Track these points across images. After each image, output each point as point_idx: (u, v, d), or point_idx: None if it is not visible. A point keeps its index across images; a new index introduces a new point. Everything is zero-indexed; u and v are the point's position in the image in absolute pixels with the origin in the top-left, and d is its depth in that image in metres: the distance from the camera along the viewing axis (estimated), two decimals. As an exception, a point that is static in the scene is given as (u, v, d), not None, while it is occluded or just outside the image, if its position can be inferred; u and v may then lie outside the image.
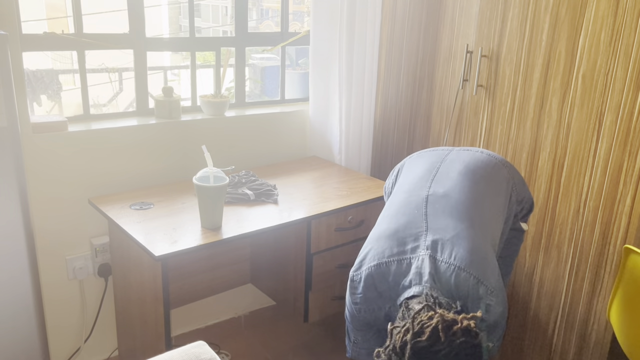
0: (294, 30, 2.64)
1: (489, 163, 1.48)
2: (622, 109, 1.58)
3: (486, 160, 1.49)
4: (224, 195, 1.74)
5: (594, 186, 1.69)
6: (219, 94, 2.36)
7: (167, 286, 1.66)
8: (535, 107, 1.81)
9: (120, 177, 2.07)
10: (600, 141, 1.65)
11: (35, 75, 1.99)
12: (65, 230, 1.99)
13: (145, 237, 1.67)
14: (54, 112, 2.51)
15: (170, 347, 1.68)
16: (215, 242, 1.68)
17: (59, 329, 2.07)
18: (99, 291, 2.13)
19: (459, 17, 2.12)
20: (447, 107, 2.24)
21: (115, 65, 3.27)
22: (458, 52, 2.14)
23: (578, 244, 1.77)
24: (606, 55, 1.60)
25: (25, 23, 1.91)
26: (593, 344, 1.78)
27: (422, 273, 1.22)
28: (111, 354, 2.22)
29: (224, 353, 2.28)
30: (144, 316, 1.83)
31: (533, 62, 1.79)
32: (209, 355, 1.26)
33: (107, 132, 2.02)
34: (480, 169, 1.45)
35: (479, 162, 1.47)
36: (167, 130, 2.16)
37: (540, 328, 1.94)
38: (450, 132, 2.23)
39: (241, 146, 2.37)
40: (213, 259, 2.42)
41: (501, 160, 1.51)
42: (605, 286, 1.71)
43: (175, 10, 9.35)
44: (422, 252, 1.26)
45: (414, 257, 1.26)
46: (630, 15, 1.53)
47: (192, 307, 2.39)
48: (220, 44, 2.43)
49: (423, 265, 1.23)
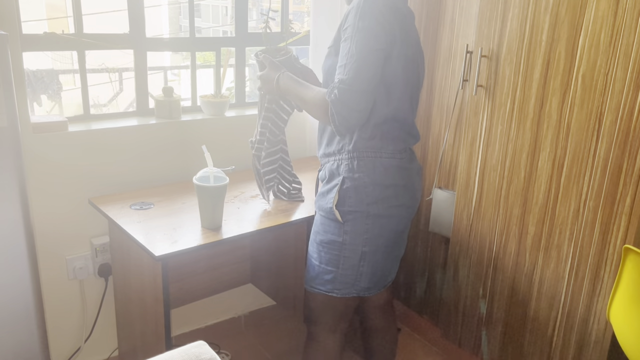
0: (294, 30, 2.64)
1: None
2: (622, 109, 1.58)
3: None
4: (224, 195, 1.74)
5: (594, 186, 1.69)
6: (219, 94, 2.37)
7: (167, 286, 1.66)
8: (535, 107, 1.81)
9: (120, 177, 2.07)
10: (600, 141, 1.65)
11: (35, 75, 1.99)
12: (65, 230, 1.99)
13: (145, 237, 1.67)
14: (54, 112, 2.51)
15: (170, 347, 1.68)
16: (215, 242, 1.68)
17: (59, 329, 2.07)
18: (99, 291, 2.13)
19: (459, 17, 2.12)
20: (447, 107, 2.24)
21: (115, 65, 3.27)
22: (458, 52, 2.14)
23: (578, 244, 1.77)
24: (606, 55, 1.60)
25: (26, 23, 1.91)
26: (593, 344, 1.78)
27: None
28: (111, 354, 2.22)
29: (224, 353, 2.28)
30: (144, 316, 1.84)
31: (533, 62, 1.79)
32: (209, 355, 1.26)
33: (107, 132, 2.02)
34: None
35: None
36: (167, 130, 2.16)
37: (540, 328, 1.94)
38: (450, 132, 2.23)
39: (241, 146, 2.37)
40: (213, 259, 2.42)
41: None
42: (605, 286, 1.72)
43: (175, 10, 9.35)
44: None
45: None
46: (630, 15, 1.53)
47: (192, 307, 2.39)
48: (221, 44, 2.43)
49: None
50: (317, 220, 1.70)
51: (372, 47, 1.46)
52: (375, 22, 1.46)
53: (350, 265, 1.64)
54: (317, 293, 1.71)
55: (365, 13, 1.46)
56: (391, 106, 1.56)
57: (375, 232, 1.61)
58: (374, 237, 1.62)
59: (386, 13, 1.48)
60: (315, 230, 1.69)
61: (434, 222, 2.30)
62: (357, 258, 1.63)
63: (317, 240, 1.68)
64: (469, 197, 2.09)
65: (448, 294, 2.27)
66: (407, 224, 1.71)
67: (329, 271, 1.66)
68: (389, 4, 1.50)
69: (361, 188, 1.58)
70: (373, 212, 1.59)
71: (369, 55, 1.46)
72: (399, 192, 1.62)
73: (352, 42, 1.46)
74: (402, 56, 1.53)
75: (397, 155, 1.60)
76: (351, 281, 1.66)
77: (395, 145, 1.59)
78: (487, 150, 1.99)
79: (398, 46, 1.52)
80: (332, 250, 1.64)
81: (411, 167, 1.66)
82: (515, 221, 1.94)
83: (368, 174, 1.57)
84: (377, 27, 1.47)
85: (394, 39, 1.50)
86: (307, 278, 1.75)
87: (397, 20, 1.52)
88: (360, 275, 1.65)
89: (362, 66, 1.45)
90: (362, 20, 1.46)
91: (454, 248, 2.19)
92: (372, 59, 1.46)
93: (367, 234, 1.61)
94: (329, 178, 1.64)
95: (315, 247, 1.69)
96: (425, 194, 2.35)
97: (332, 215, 1.61)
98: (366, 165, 1.57)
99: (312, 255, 1.71)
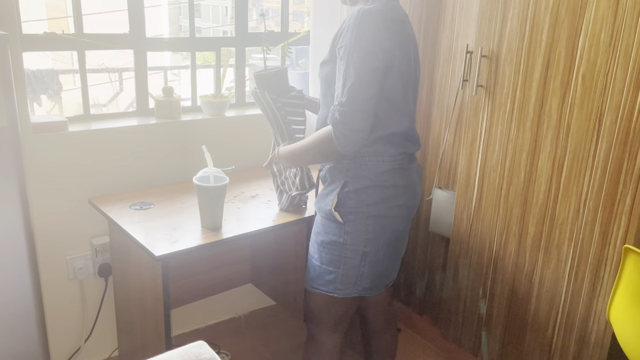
0: (294, 30, 2.64)
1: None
2: (622, 109, 1.58)
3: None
4: (224, 195, 1.74)
5: (594, 186, 1.69)
6: (219, 94, 2.37)
7: (167, 286, 1.66)
8: (535, 107, 1.81)
9: (120, 177, 2.07)
10: (600, 141, 1.65)
11: (35, 75, 1.99)
12: (65, 230, 1.99)
13: (145, 237, 1.67)
14: (54, 112, 2.52)
15: (170, 347, 1.68)
16: (215, 242, 1.68)
17: (59, 328, 2.07)
18: (99, 291, 2.13)
19: (459, 17, 2.12)
20: (447, 107, 2.24)
21: (115, 65, 3.27)
22: (458, 52, 2.14)
23: (578, 244, 1.77)
24: (606, 56, 1.60)
25: (26, 23, 1.91)
26: (593, 344, 1.78)
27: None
28: (111, 354, 2.22)
29: (224, 353, 2.29)
30: (144, 316, 1.83)
31: (533, 62, 1.79)
32: (209, 355, 1.26)
33: (107, 132, 2.02)
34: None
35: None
36: (167, 130, 2.16)
37: (540, 328, 1.94)
38: (450, 132, 2.23)
39: (241, 146, 2.37)
40: (213, 259, 2.42)
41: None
42: (605, 286, 1.71)
43: (175, 10, 9.36)
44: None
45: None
46: (630, 16, 1.53)
47: (192, 307, 2.39)
48: (221, 44, 2.43)
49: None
50: (317, 221, 1.70)
51: (370, 68, 1.45)
52: (373, 42, 1.45)
53: (351, 266, 1.64)
54: (318, 293, 1.71)
55: (362, 33, 1.45)
56: (394, 120, 1.57)
57: (376, 232, 1.62)
58: (374, 237, 1.62)
59: (383, 30, 1.47)
60: (316, 230, 1.70)
61: (434, 222, 2.30)
62: (359, 258, 1.63)
63: (318, 241, 1.68)
64: (469, 197, 2.09)
65: (448, 294, 2.27)
66: (408, 224, 1.72)
67: (330, 271, 1.66)
68: (386, 17, 1.48)
69: (362, 190, 1.58)
70: (374, 212, 1.59)
71: (366, 75, 1.45)
72: (399, 193, 1.63)
73: (350, 62, 1.45)
74: (401, 70, 1.54)
75: (398, 157, 1.61)
76: (352, 281, 1.66)
77: (396, 149, 1.60)
78: (487, 150, 1.99)
79: (397, 61, 1.51)
80: (333, 250, 1.64)
81: (411, 167, 1.67)
82: (515, 221, 1.94)
83: (369, 176, 1.58)
84: (374, 47, 1.46)
85: (392, 56, 1.50)
86: (307, 278, 1.75)
87: (396, 34, 1.51)
88: (361, 275, 1.66)
89: (359, 86, 1.45)
90: (358, 40, 1.45)
91: (454, 248, 2.19)
92: (370, 78, 1.46)
93: (367, 234, 1.61)
94: (330, 180, 1.64)
95: (316, 247, 1.69)
96: (425, 194, 2.35)
97: (332, 217, 1.61)
98: (367, 168, 1.58)
99: (312, 256, 1.71)
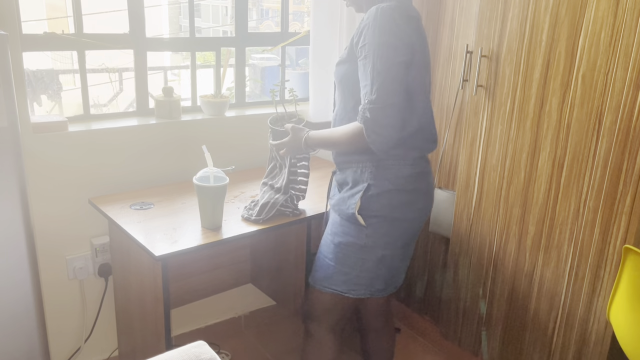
0: (294, 30, 2.64)
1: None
2: (622, 109, 1.58)
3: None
4: (224, 195, 1.74)
5: (594, 186, 1.69)
6: (219, 94, 2.36)
7: (167, 286, 1.66)
8: (535, 107, 1.81)
9: (120, 177, 2.07)
10: (600, 141, 1.65)
11: (35, 75, 1.99)
12: (65, 230, 1.99)
13: (145, 237, 1.67)
14: (54, 112, 2.51)
15: (170, 347, 1.68)
16: (215, 242, 1.68)
17: (59, 328, 2.07)
18: (99, 291, 2.13)
19: (459, 17, 2.12)
20: (447, 107, 2.24)
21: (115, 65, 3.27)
22: (458, 52, 2.14)
23: (578, 244, 1.77)
24: (606, 55, 1.60)
25: (26, 23, 1.91)
26: (593, 344, 1.78)
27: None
28: (111, 354, 2.22)
29: (224, 353, 2.28)
30: (144, 316, 1.84)
31: (533, 62, 1.79)
32: (209, 355, 1.26)
33: (107, 132, 2.02)
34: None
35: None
36: (167, 130, 2.16)
37: (540, 328, 1.94)
38: (450, 132, 2.23)
39: (241, 146, 2.37)
40: (213, 259, 2.42)
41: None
42: (605, 286, 1.71)
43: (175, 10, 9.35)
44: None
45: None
46: (630, 15, 1.53)
47: (192, 307, 2.39)
48: (220, 44, 2.43)
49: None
50: (336, 222, 1.69)
51: (395, 61, 1.47)
52: (394, 35, 1.47)
53: (368, 268, 1.65)
54: (328, 292, 1.71)
55: (383, 28, 1.46)
56: (415, 115, 1.57)
57: (396, 235, 1.63)
58: (393, 240, 1.64)
59: (402, 24, 1.49)
60: (334, 231, 1.69)
61: (434, 222, 2.30)
62: (377, 260, 1.64)
63: (335, 242, 1.68)
64: (469, 197, 2.09)
65: (448, 294, 2.27)
66: (422, 226, 1.74)
67: (345, 272, 1.67)
68: (403, 13, 1.50)
69: (384, 194, 1.59)
70: (395, 216, 1.61)
71: (392, 68, 1.46)
72: (419, 196, 1.65)
73: (374, 58, 1.46)
74: (420, 65, 1.55)
75: (418, 161, 1.63)
76: (367, 282, 1.67)
77: (416, 152, 1.62)
78: (487, 150, 1.99)
79: (417, 56, 1.53)
80: (351, 252, 1.64)
81: (429, 171, 1.70)
82: (515, 221, 1.94)
83: (392, 180, 1.59)
84: (396, 40, 1.47)
85: (412, 49, 1.51)
86: (317, 278, 1.74)
87: (413, 28, 1.53)
88: (377, 277, 1.67)
89: (387, 81, 1.46)
90: (380, 35, 1.46)
91: (454, 248, 2.19)
92: (396, 71, 1.47)
93: (387, 237, 1.62)
94: (352, 184, 1.64)
95: (332, 248, 1.69)
96: (425, 194, 2.35)
97: (354, 220, 1.61)
98: (390, 172, 1.59)
99: (326, 256, 1.71)
